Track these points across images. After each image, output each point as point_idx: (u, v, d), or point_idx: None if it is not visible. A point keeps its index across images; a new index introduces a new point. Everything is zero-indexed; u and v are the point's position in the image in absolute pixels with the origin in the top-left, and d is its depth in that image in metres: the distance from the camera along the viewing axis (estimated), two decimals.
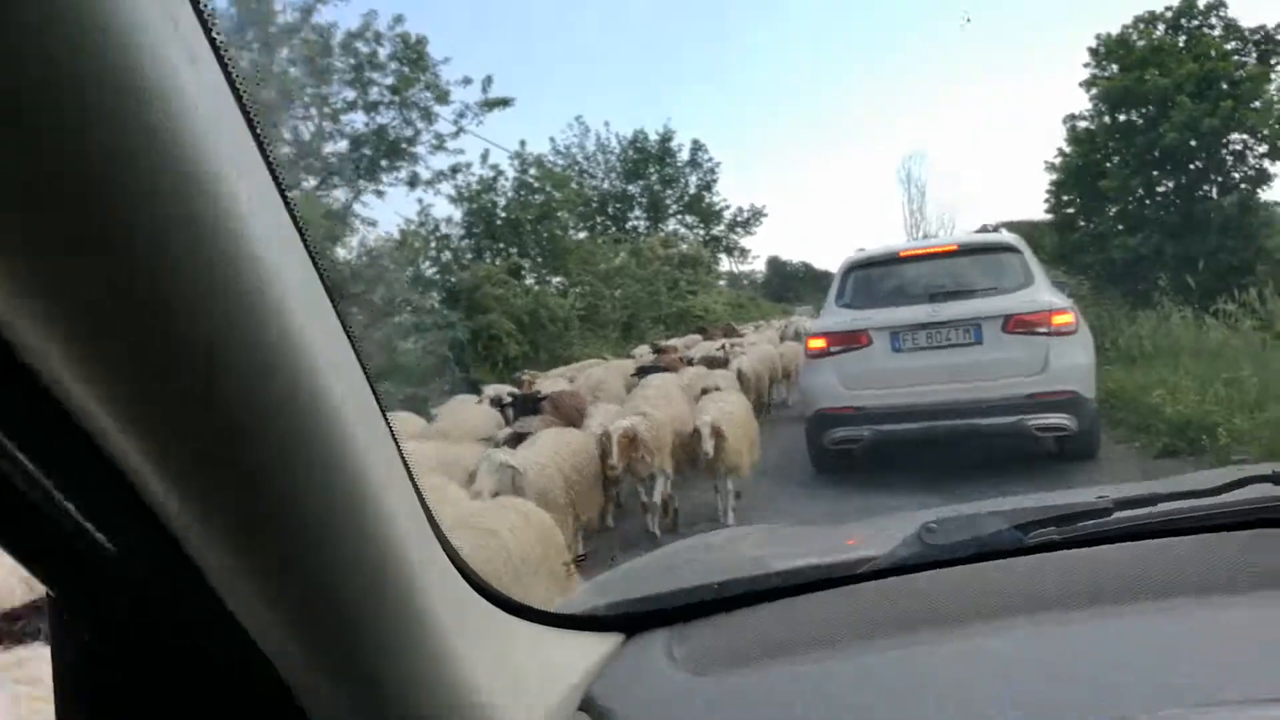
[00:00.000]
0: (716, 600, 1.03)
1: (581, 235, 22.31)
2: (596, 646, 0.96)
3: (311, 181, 15.06)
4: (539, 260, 17.54)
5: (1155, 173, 13.81)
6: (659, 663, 0.91)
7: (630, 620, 1.02)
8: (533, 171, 17.10)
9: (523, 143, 18.65)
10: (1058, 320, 6.12)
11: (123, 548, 0.49)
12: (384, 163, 16.85)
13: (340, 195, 16.07)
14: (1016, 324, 6.15)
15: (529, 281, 16.95)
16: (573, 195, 18.16)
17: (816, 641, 0.92)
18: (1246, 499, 1.02)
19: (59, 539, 0.48)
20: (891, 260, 7.19)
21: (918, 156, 51.30)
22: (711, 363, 9.48)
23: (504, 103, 15.74)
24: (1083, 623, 0.86)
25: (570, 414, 6.42)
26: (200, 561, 0.50)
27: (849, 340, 6.60)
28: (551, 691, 0.80)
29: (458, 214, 17.21)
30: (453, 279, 14.50)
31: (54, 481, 0.46)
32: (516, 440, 5.01)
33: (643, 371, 8.23)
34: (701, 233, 38.80)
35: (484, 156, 17.23)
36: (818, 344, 6.84)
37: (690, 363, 9.63)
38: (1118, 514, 1.02)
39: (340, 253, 13.45)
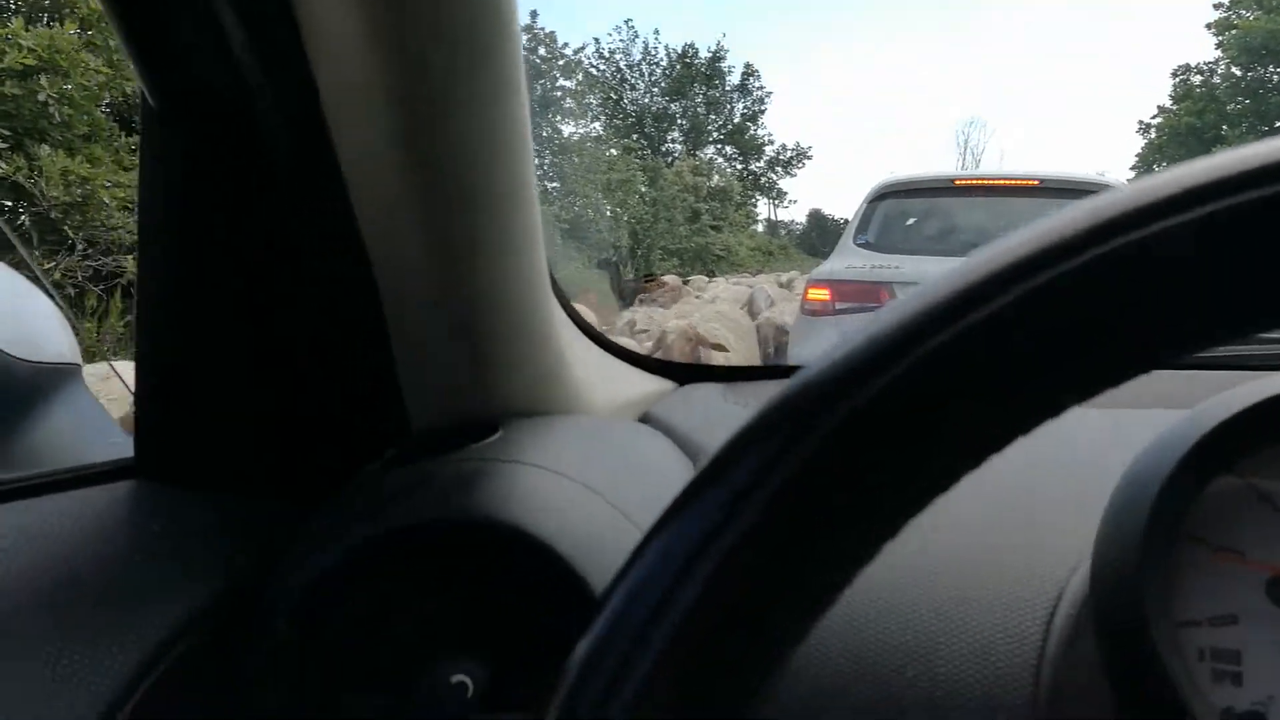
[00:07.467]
0: (763, 369, 1.25)
1: (612, 151, 19.90)
2: (655, 383, 1.09)
3: None
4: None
5: None
6: (713, 398, 1.03)
7: (685, 372, 1.14)
8: (541, 51, 14.63)
9: (534, 14, 15.95)
10: None
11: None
12: None
13: None
14: None
15: None
16: (581, 86, 15.65)
17: None
18: None
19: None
20: (942, 189, 4.95)
21: (977, 123, 49.88)
22: None
23: None
24: None
25: None
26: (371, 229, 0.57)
27: (863, 296, 4.43)
28: (620, 395, 0.97)
29: None
30: None
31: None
32: None
33: None
34: (739, 166, 36.14)
35: None
36: (819, 295, 4.63)
37: None
38: None
39: None
